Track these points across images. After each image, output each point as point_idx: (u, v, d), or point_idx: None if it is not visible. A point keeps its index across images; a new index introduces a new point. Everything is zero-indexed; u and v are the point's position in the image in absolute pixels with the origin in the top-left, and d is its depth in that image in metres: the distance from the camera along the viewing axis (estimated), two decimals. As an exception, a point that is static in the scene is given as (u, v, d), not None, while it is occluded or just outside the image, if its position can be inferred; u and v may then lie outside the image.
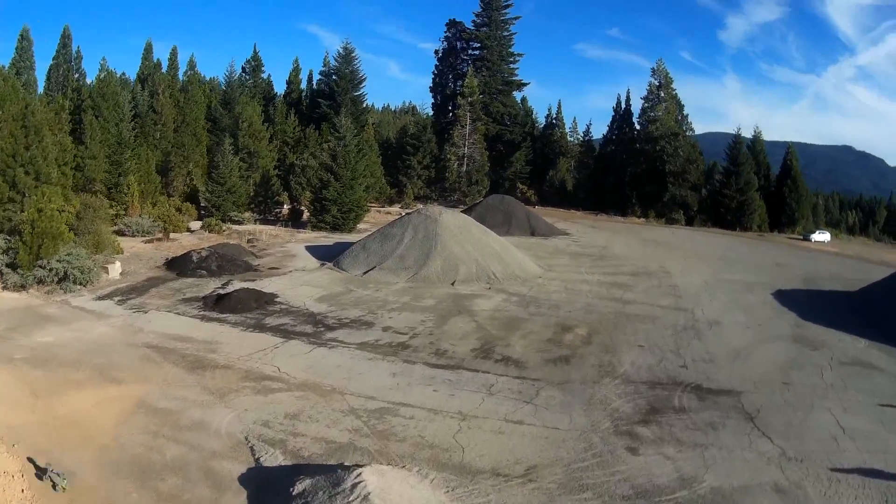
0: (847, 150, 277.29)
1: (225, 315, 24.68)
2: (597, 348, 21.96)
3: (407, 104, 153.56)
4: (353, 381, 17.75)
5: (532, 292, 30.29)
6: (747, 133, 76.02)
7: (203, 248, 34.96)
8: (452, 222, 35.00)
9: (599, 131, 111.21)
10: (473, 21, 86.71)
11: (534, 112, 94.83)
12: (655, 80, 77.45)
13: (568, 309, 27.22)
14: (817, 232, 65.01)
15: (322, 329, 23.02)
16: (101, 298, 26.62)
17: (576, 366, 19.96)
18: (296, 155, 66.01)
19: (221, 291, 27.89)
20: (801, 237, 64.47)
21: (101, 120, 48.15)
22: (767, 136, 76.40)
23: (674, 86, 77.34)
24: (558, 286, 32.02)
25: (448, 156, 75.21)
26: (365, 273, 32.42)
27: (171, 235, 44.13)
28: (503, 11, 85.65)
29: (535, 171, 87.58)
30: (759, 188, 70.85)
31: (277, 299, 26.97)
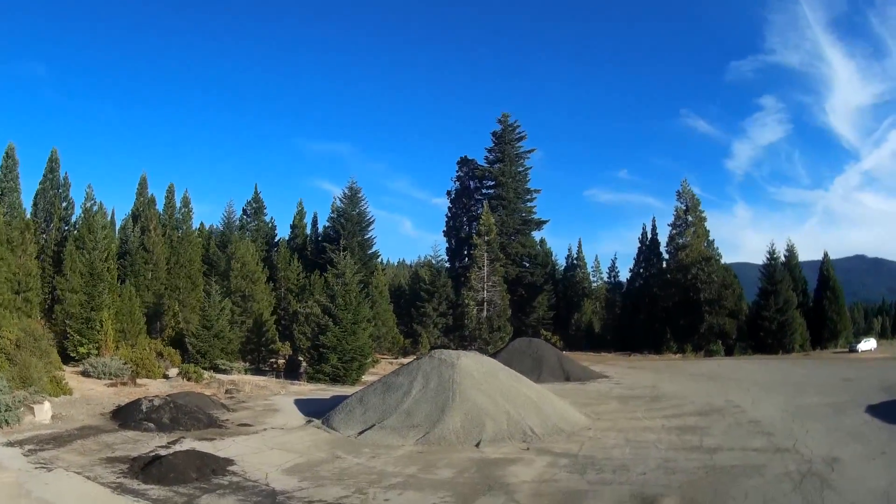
0: (860, 259, 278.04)
1: (148, 487, 17.13)
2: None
3: (422, 258, 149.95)
4: None
5: (585, 450, 22.52)
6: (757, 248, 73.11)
7: (156, 397, 27.73)
8: (474, 367, 27.61)
9: (624, 265, 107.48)
10: (486, 157, 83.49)
11: (553, 254, 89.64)
12: (681, 203, 72.94)
13: (641, 470, 19.47)
14: (863, 341, 64.66)
15: (280, 520, 15.05)
16: (10, 445, 20.75)
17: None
18: (300, 303, 59.86)
19: (162, 452, 20.36)
20: (848, 349, 63.06)
21: (83, 252, 43.31)
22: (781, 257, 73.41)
23: (701, 207, 72.67)
24: (617, 439, 24.53)
25: (466, 301, 68.59)
26: (361, 433, 24.67)
27: (141, 381, 37.60)
28: (517, 145, 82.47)
29: (559, 316, 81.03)
30: (798, 305, 66.93)
31: (232, 468, 19.28)
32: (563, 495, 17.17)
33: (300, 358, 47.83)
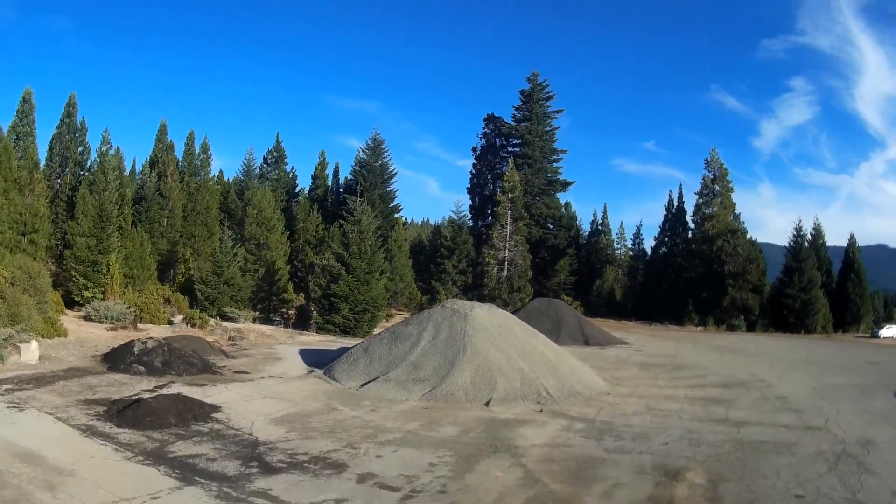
0: (881, 248, 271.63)
1: (121, 431, 15.65)
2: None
3: (446, 218, 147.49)
4: None
5: (603, 415, 20.69)
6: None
7: (150, 339, 26.26)
8: (488, 320, 25.69)
9: (649, 234, 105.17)
10: (513, 115, 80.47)
11: (578, 219, 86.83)
12: (709, 172, 69.95)
13: (663, 440, 17.56)
14: (885, 328, 62.60)
15: (254, 471, 13.34)
16: (-9, 383, 19.09)
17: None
18: (317, 255, 58.14)
19: (145, 396, 18.90)
20: (870, 334, 61.49)
21: (94, 194, 41.92)
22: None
23: (729, 178, 69.63)
24: (638, 405, 22.62)
25: (486, 259, 66.41)
26: (363, 386, 23.00)
27: (143, 326, 36.37)
28: (545, 104, 79.28)
29: (580, 282, 78.73)
30: (822, 286, 65.37)
31: (216, 415, 17.72)
32: (576, 462, 15.32)
33: (312, 309, 46.33)
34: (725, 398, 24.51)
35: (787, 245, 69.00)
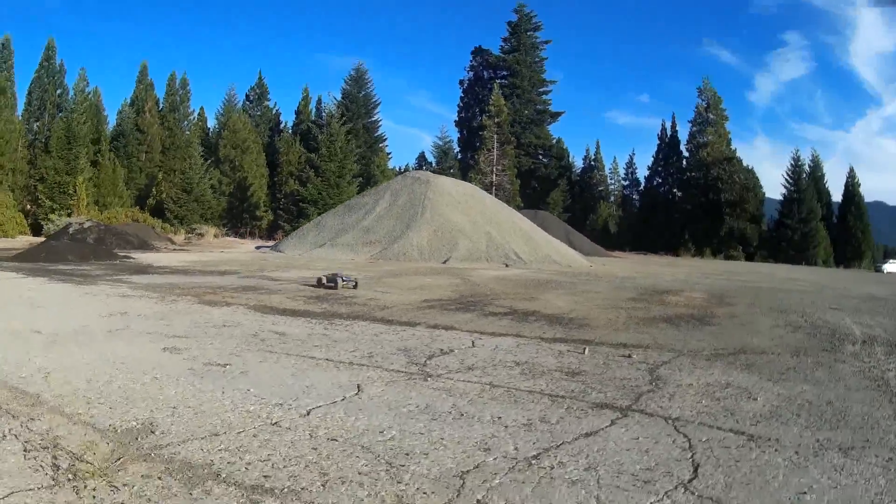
0: (879, 205, 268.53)
1: (21, 265, 13.33)
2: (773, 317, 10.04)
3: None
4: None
5: (583, 272, 18.30)
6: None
7: (88, 220, 24.05)
8: (453, 187, 23.35)
9: (642, 164, 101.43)
10: (501, 47, 76.94)
11: (570, 155, 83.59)
12: (702, 100, 66.58)
13: (650, 282, 15.84)
14: (889, 262, 60.04)
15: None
16: None
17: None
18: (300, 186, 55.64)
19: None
20: (874, 269, 57.44)
21: (62, 118, 42.05)
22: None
23: (723, 105, 66.38)
24: (623, 269, 20.61)
25: (473, 184, 63.59)
26: (308, 252, 20.54)
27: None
28: (533, 34, 75.76)
29: (574, 217, 76.10)
30: (821, 218, 61.14)
31: (136, 261, 15.31)
32: (543, 281, 13.02)
33: (281, 224, 43.98)
34: (734, 274, 22.67)
35: (784, 175, 66.17)
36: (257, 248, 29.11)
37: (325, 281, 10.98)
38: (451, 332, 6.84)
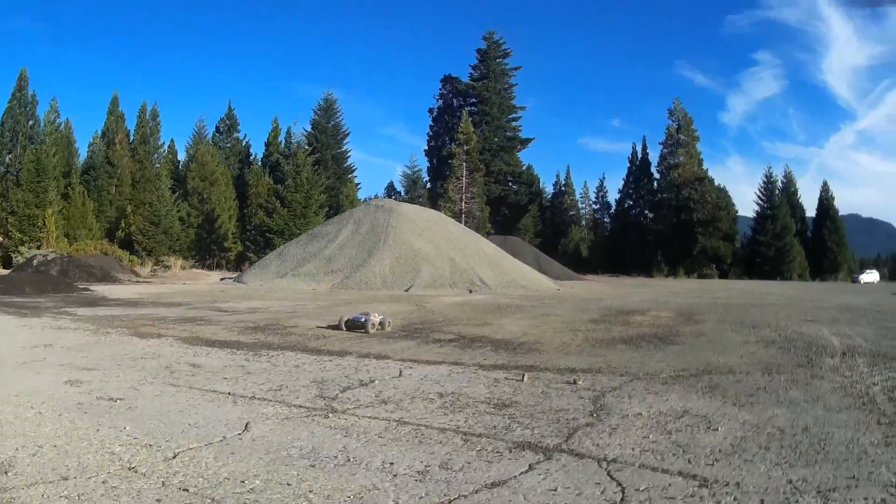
0: (854, 218, 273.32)
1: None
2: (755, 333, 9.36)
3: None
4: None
5: (549, 295, 17.60)
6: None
7: (52, 252, 23.42)
8: (416, 214, 22.71)
9: (613, 187, 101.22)
10: (470, 75, 76.92)
11: (541, 182, 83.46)
12: (673, 122, 66.91)
13: (619, 303, 15.12)
14: (865, 272, 60.96)
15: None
16: None
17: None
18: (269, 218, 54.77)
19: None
20: (851, 280, 58.27)
21: (33, 149, 41.38)
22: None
23: (694, 126, 66.77)
24: (599, 292, 20.40)
25: (443, 213, 62.85)
26: (271, 282, 19.66)
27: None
28: (502, 61, 75.98)
29: (546, 242, 75.64)
30: (796, 233, 61.65)
31: (93, 294, 14.40)
32: (496, 305, 12.28)
33: (249, 254, 43.06)
34: (708, 292, 22.34)
35: (757, 192, 66.31)
36: (222, 279, 28.18)
37: (344, 324, 8.78)
38: (382, 362, 6.11)
